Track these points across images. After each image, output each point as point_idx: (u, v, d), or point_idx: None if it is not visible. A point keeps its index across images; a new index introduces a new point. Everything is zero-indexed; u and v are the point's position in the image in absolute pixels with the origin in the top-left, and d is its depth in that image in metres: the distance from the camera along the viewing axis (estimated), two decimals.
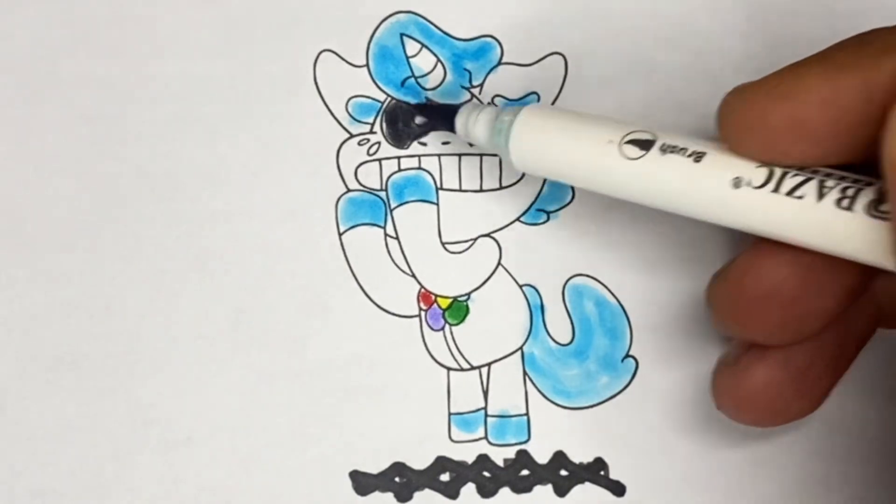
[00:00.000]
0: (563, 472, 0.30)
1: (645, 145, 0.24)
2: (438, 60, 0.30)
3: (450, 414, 0.30)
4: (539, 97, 0.29)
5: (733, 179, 0.23)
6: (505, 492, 0.30)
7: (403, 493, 0.30)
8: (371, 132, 0.30)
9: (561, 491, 0.30)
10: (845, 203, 0.22)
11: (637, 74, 0.29)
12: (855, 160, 0.22)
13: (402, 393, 0.30)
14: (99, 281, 0.29)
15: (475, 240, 0.30)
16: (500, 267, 0.30)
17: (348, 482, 0.30)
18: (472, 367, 0.30)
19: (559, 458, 0.30)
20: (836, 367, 0.26)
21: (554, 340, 0.30)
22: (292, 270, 0.30)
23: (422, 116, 0.29)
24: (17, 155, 0.29)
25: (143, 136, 0.30)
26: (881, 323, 0.27)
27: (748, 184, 0.23)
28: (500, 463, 0.30)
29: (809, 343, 0.25)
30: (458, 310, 0.30)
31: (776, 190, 0.23)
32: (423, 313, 0.30)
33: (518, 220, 0.30)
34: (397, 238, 0.30)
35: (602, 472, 0.30)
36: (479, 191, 0.30)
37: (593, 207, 0.30)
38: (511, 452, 0.30)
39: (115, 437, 0.29)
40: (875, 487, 0.29)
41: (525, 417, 0.30)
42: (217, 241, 0.30)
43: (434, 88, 0.30)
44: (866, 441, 0.30)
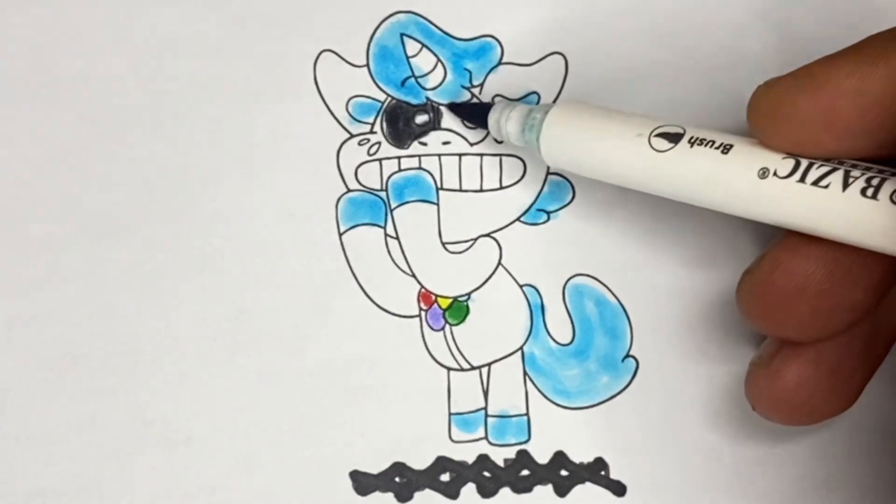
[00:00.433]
0: (564, 473, 0.30)
1: (674, 138, 0.24)
2: (438, 60, 0.30)
3: (450, 414, 0.30)
4: (539, 97, 0.29)
5: (760, 170, 0.23)
6: (505, 492, 0.30)
7: (404, 493, 0.30)
8: (371, 132, 0.30)
9: (561, 491, 0.30)
10: (870, 192, 0.22)
11: (637, 74, 0.29)
12: (885, 153, 0.23)
13: (402, 393, 0.30)
14: (99, 281, 0.29)
15: (475, 240, 0.30)
16: (501, 267, 0.30)
17: (348, 482, 0.30)
18: (473, 367, 0.30)
19: (559, 458, 0.30)
20: (867, 362, 0.26)
21: (554, 340, 0.30)
22: (292, 270, 0.30)
23: (453, 115, 0.29)
24: (17, 155, 0.29)
25: (143, 136, 0.29)
26: None
27: (774, 174, 0.23)
28: (501, 463, 0.30)
29: (840, 339, 0.25)
30: (458, 310, 0.30)
31: (802, 180, 0.23)
32: (423, 313, 0.30)
33: (518, 220, 0.30)
34: (397, 238, 0.30)
35: (602, 472, 0.30)
36: (479, 191, 0.30)
37: (593, 207, 0.30)
38: (511, 452, 0.30)
39: (115, 436, 0.29)
40: (876, 487, 0.29)
41: (525, 417, 0.30)
42: (217, 241, 0.30)
43: (434, 88, 0.30)
44: (867, 441, 0.30)
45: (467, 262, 0.30)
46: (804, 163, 0.23)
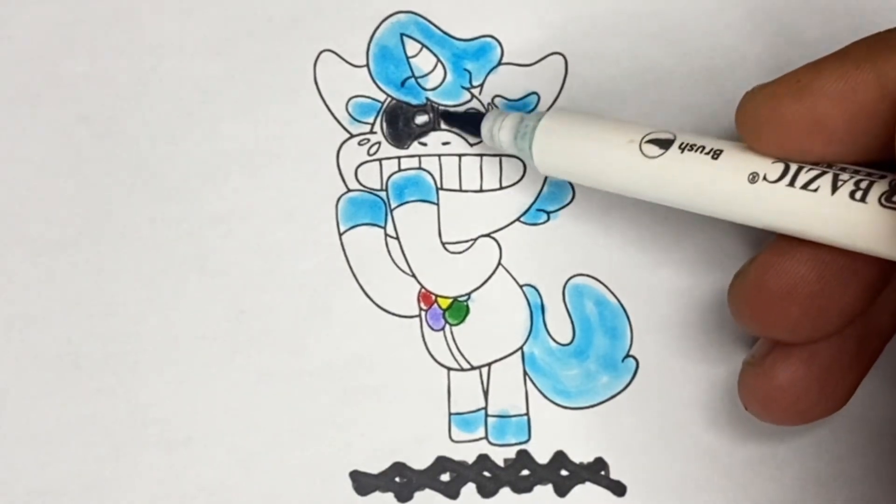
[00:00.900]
0: (564, 472, 0.30)
1: (664, 144, 0.25)
2: (438, 60, 0.30)
3: (450, 414, 0.30)
4: (539, 97, 0.29)
5: (750, 175, 0.23)
6: (505, 492, 0.30)
7: (404, 493, 0.30)
8: (371, 132, 0.30)
9: (561, 491, 0.30)
10: (859, 195, 0.22)
11: (637, 75, 0.29)
12: (872, 157, 0.23)
13: (402, 393, 0.30)
14: (99, 281, 0.29)
15: (475, 240, 0.30)
16: (501, 267, 0.30)
17: (348, 482, 0.30)
18: (473, 367, 0.30)
19: (559, 458, 0.30)
20: (859, 363, 0.26)
21: (554, 340, 0.30)
22: (292, 270, 0.30)
23: (447, 123, 0.29)
24: (17, 155, 0.29)
25: (142, 136, 0.29)
26: None
27: (764, 178, 0.23)
28: (501, 463, 0.30)
29: (832, 340, 0.25)
30: (458, 310, 0.30)
31: (791, 184, 0.23)
32: (423, 313, 0.30)
33: (518, 220, 0.30)
34: (397, 238, 0.30)
35: (602, 472, 0.30)
36: (479, 191, 0.30)
37: (593, 207, 0.30)
38: (511, 452, 0.30)
39: (115, 437, 0.29)
40: (876, 487, 0.30)
41: (525, 417, 0.30)
42: (217, 241, 0.30)
43: (434, 88, 0.30)
44: (867, 440, 0.30)
45: (467, 262, 0.30)
46: (793, 167, 0.23)
